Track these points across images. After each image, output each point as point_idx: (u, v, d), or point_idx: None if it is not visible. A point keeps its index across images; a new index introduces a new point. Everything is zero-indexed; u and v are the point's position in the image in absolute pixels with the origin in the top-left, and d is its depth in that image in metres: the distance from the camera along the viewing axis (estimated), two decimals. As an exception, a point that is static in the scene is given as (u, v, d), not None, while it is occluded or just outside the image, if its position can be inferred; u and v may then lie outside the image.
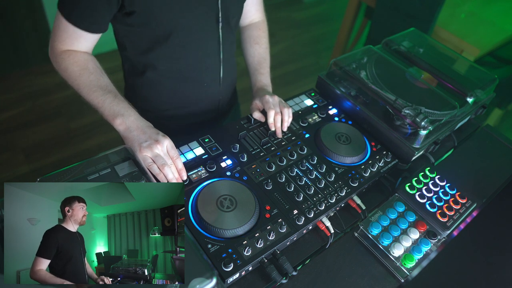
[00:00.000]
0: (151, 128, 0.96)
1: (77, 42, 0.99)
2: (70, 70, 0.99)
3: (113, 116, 0.95)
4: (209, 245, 0.83)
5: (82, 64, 1.00)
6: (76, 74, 0.99)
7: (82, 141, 2.47)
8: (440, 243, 0.94)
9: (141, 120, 0.97)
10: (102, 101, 0.96)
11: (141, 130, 0.94)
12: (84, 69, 0.99)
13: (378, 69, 1.29)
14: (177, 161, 0.94)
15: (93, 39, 1.00)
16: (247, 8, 1.21)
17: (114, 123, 0.96)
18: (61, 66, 1.00)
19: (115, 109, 0.96)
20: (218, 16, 1.04)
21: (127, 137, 0.95)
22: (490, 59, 2.62)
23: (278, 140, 1.10)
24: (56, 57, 1.01)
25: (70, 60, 0.99)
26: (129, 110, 0.97)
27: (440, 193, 1.03)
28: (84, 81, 0.98)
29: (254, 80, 1.23)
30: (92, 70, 1.00)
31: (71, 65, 0.99)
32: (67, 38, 0.98)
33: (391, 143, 1.13)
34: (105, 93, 0.97)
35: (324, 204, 0.95)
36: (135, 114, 0.97)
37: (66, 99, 2.69)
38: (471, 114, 1.30)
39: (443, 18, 2.31)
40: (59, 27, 0.97)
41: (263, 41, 1.28)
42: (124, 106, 0.97)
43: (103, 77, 1.01)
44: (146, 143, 0.92)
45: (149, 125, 0.97)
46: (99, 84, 0.99)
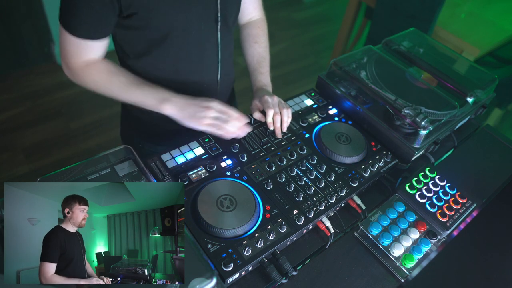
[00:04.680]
0: (195, 99, 1.01)
1: (90, 52, 0.99)
2: (98, 79, 1.01)
3: (159, 104, 0.99)
4: (209, 245, 0.83)
5: (106, 70, 1.01)
6: (106, 81, 1.01)
7: (82, 141, 2.47)
8: (440, 243, 0.94)
9: (184, 97, 1.01)
10: (143, 95, 1.00)
11: (191, 105, 0.99)
12: (111, 74, 1.01)
13: (378, 69, 1.29)
14: (232, 113, 1.00)
15: (104, 43, 1.01)
16: (245, 6, 1.20)
17: (162, 109, 0.99)
18: (86, 80, 1.01)
19: (158, 97, 0.99)
20: (217, 16, 1.04)
21: (181, 117, 0.99)
22: (490, 59, 2.62)
23: (278, 140, 1.10)
24: (76, 73, 1.01)
25: (93, 71, 1.00)
26: (169, 93, 1.01)
27: (440, 193, 1.03)
28: (117, 84, 1.01)
29: (253, 80, 1.23)
30: (118, 72, 1.02)
31: (97, 75, 1.01)
32: (80, 52, 0.98)
33: (391, 143, 1.13)
34: (141, 88, 1.00)
35: (324, 204, 0.95)
36: (177, 94, 1.01)
37: (66, 99, 2.69)
38: (471, 114, 1.30)
39: (443, 18, 2.31)
40: (67, 43, 0.96)
41: (262, 40, 1.28)
42: (163, 91, 1.01)
43: (129, 74, 1.03)
44: (201, 114, 0.97)
45: (191, 97, 1.01)
46: (131, 82, 1.01)
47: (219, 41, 1.09)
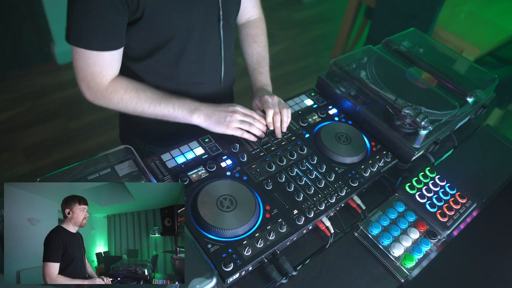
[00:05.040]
0: (220, 105, 1.06)
1: (108, 66, 0.97)
2: (126, 98, 1.01)
3: (188, 115, 1.03)
4: (209, 245, 0.83)
5: (132, 88, 1.02)
6: (134, 99, 1.02)
7: (82, 141, 2.47)
8: (440, 243, 0.94)
9: (209, 105, 1.06)
10: (171, 108, 1.03)
11: (216, 112, 1.03)
12: (137, 91, 1.02)
13: (378, 69, 1.29)
14: (255, 115, 1.07)
15: (120, 55, 1.00)
16: (243, 5, 1.20)
17: (191, 120, 1.04)
18: (114, 100, 1.01)
19: (186, 108, 1.03)
20: (219, 15, 1.04)
21: (209, 124, 1.03)
22: (490, 59, 2.62)
23: (278, 140, 1.10)
24: (101, 95, 1.00)
25: (120, 90, 1.01)
26: (196, 103, 1.05)
27: (440, 193, 1.03)
28: (145, 100, 1.02)
29: (253, 80, 1.23)
30: (143, 87, 1.04)
31: (125, 94, 1.01)
32: (99, 69, 0.96)
33: (391, 143, 1.13)
34: (168, 100, 1.03)
35: (324, 204, 0.95)
36: (202, 103, 1.06)
37: (66, 99, 2.69)
38: (471, 114, 1.30)
39: (443, 18, 2.31)
40: (84, 63, 0.94)
41: (261, 39, 1.27)
42: (190, 101, 1.05)
43: (153, 89, 1.05)
44: (227, 119, 1.02)
45: (215, 104, 1.06)
46: (158, 96, 1.03)
47: (221, 40, 1.09)
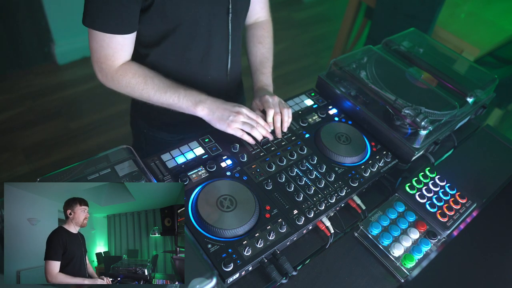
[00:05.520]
0: (227, 103, 1.05)
1: (121, 49, 1.00)
2: (133, 83, 1.02)
3: (192, 106, 1.03)
4: (209, 245, 0.83)
5: (141, 73, 1.03)
6: (141, 84, 1.03)
7: (82, 141, 2.47)
8: (440, 243, 0.94)
9: (216, 100, 1.05)
10: (177, 98, 1.03)
11: (221, 108, 1.03)
12: (146, 77, 1.03)
13: (378, 69, 1.29)
14: (259, 120, 1.06)
15: (133, 40, 1.02)
16: (252, 6, 1.21)
17: (195, 111, 1.04)
18: (122, 83, 1.03)
19: (192, 99, 1.03)
20: (228, 8, 1.05)
21: (211, 119, 1.04)
22: (490, 59, 2.62)
23: (278, 140, 1.10)
24: (111, 77, 1.02)
25: (129, 74, 1.02)
26: (203, 95, 1.05)
27: (440, 193, 1.03)
28: (152, 87, 1.03)
29: (255, 79, 1.23)
30: (151, 74, 1.04)
31: (133, 78, 1.02)
32: (111, 52, 0.99)
33: (391, 143, 1.13)
34: (175, 90, 1.04)
35: (324, 204, 0.95)
36: (209, 97, 1.05)
37: (66, 99, 2.69)
38: (471, 114, 1.30)
39: (443, 18, 2.31)
40: (99, 45, 0.97)
41: (266, 41, 1.29)
42: (197, 93, 1.05)
43: (161, 76, 1.05)
44: (230, 118, 1.02)
45: (223, 101, 1.06)
46: (165, 84, 1.04)
47: (229, 32, 1.11)
